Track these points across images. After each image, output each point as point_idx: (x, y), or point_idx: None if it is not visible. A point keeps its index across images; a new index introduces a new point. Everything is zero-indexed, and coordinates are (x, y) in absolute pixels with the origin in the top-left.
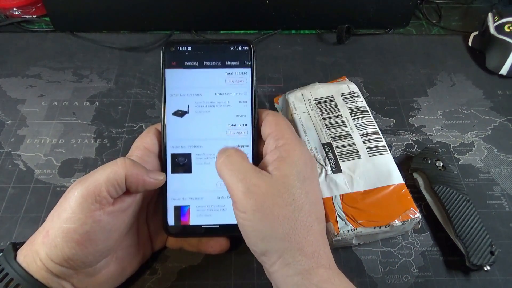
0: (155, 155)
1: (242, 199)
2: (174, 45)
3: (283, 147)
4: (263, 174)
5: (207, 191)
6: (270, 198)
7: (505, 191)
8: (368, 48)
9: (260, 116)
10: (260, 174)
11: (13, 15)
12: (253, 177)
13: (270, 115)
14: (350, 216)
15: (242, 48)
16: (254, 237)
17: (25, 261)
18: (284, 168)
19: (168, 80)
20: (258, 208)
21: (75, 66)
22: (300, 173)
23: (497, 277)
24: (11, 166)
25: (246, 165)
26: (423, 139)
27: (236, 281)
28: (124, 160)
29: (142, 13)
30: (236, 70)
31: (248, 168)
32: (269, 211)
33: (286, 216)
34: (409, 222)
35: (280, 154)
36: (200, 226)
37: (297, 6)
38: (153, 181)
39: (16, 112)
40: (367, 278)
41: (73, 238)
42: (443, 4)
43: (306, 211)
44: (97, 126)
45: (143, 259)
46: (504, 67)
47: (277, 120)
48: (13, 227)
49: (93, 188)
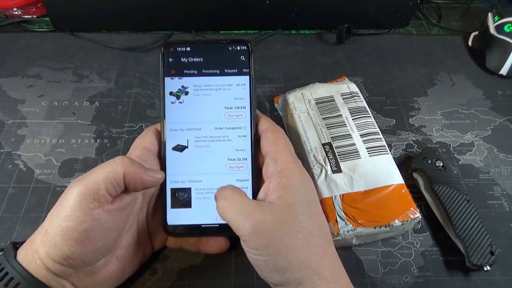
0: (154, 154)
1: (251, 238)
2: (173, 46)
3: (283, 172)
4: (266, 207)
5: (207, 190)
6: (279, 231)
7: (505, 191)
8: (368, 48)
9: (258, 120)
10: (263, 208)
11: (13, 15)
12: (257, 212)
13: (270, 131)
14: (350, 216)
15: (241, 48)
16: (269, 271)
17: (25, 260)
18: (287, 196)
19: (167, 78)
20: (269, 243)
21: (75, 66)
22: (304, 199)
23: (497, 277)
24: (11, 166)
25: (247, 202)
26: (423, 139)
27: (236, 281)
28: (122, 158)
29: (142, 13)
30: (235, 67)
31: (250, 204)
32: (281, 244)
33: (298, 245)
34: (409, 222)
35: (281, 181)
36: (199, 225)
37: (297, 6)
38: (152, 179)
39: (16, 112)
40: (367, 278)
41: (72, 236)
42: (443, 4)
43: (316, 235)
44: (97, 126)
45: (143, 258)
46: (504, 67)
47: (276, 138)
48: (13, 227)
49: (92, 186)
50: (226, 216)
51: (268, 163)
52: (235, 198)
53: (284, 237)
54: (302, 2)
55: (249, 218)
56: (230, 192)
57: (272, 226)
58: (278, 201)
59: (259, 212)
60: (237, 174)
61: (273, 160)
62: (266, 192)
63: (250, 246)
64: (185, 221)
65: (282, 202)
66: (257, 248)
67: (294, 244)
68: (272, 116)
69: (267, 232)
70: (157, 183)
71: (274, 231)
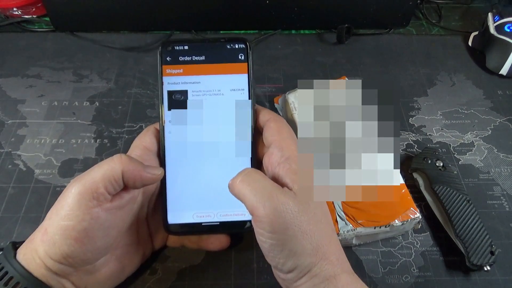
0: (154, 153)
1: (269, 219)
2: (171, 45)
3: (291, 159)
4: (286, 191)
5: (207, 187)
6: (298, 216)
7: (505, 191)
8: (368, 48)
9: (258, 114)
10: (285, 191)
11: (13, 15)
12: (279, 194)
13: (272, 121)
14: (350, 216)
15: (239, 46)
16: (283, 257)
17: (24, 259)
18: (301, 182)
19: (165, 76)
20: (289, 226)
21: (75, 66)
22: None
23: (497, 277)
24: (11, 166)
25: (268, 182)
26: (423, 139)
27: (236, 281)
28: (121, 156)
29: (142, 13)
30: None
31: (271, 185)
32: (298, 229)
33: (312, 231)
34: (409, 222)
35: (291, 167)
36: (200, 223)
37: (297, 6)
38: (151, 176)
39: (16, 112)
40: (367, 278)
41: (71, 235)
42: (443, 4)
43: (324, 222)
44: (97, 126)
45: (144, 257)
46: (504, 67)
47: (279, 127)
48: (13, 227)
49: (90, 185)
50: (244, 191)
51: (273, 151)
52: (256, 175)
53: (302, 223)
54: (302, 2)
55: (271, 198)
56: (252, 170)
57: (294, 210)
58: (295, 186)
59: (281, 195)
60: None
61: (279, 148)
62: (278, 177)
63: (266, 229)
64: (185, 220)
65: (298, 188)
66: (274, 231)
67: (309, 230)
68: None
69: (288, 216)
70: (156, 180)
71: (294, 215)
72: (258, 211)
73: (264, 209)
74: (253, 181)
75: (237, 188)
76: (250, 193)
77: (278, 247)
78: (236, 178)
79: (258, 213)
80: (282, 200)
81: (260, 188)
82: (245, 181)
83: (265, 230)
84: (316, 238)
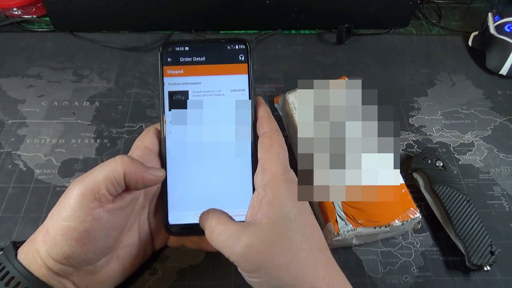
0: (155, 154)
1: (241, 263)
2: (172, 46)
3: (268, 186)
4: (252, 229)
5: (208, 189)
6: (266, 252)
7: (505, 191)
8: (368, 48)
9: (257, 115)
10: (249, 230)
11: (13, 15)
12: (243, 236)
13: (267, 137)
14: (350, 216)
15: (239, 47)
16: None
17: (25, 259)
18: (272, 213)
19: (166, 77)
20: (259, 266)
21: (75, 66)
22: (291, 212)
23: (497, 277)
24: (11, 166)
25: (233, 227)
26: (423, 139)
27: (236, 281)
28: (122, 157)
29: (142, 13)
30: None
31: (236, 229)
32: (270, 264)
33: (288, 262)
34: (409, 222)
35: (266, 196)
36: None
37: (297, 6)
38: (152, 177)
39: (16, 112)
40: (367, 278)
41: (73, 236)
42: (443, 4)
43: (306, 248)
44: (97, 126)
45: (144, 257)
46: (504, 67)
47: (270, 146)
48: (13, 227)
49: (92, 186)
50: (218, 246)
51: (258, 171)
52: (220, 226)
53: (272, 257)
54: (302, 2)
55: (237, 243)
56: (215, 221)
57: (259, 249)
58: (264, 219)
59: (245, 236)
60: (238, 172)
61: (262, 169)
62: (253, 208)
63: (243, 270)
64: (186, 220)
65: (267, 221)
66: (249, 271)
67: (283, 263)
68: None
69: (254, 255)
70: (158, 181)
71: (261, 253)
72: (232, 259)
73: (235, 257)
74: (218, 234)
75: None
76: (222, 246)
77: (257, 284)
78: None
79: (233, 260)
80: (245, 242)
81: (226, 238)
82: (213, 238)
83: (244, 271)
84: (295, 269)
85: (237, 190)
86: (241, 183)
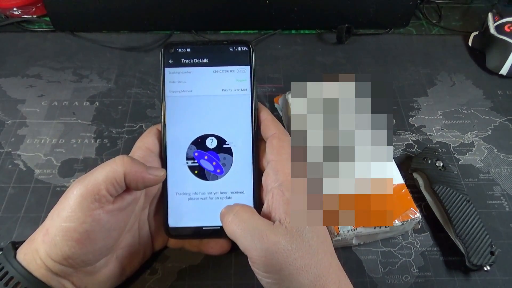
0: (156, 155)
1: (263, 261)
2: (173, 47)
3: (284, 186)
4: (277, 227)
5: (208, 192)
6: (292, 254)
7: (505, 191)
8: (368, 48)
9: (262, 120)
10: (275, 229)
11: (13, 15)
12: (270, 233)
13: (276, 138)
14: None
15: (242, 49)
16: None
17: (25, 260)
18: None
19: (167, 78)
20: (283, 266)
21: (75, 66)
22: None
23: (497, 277)
24: (11, 166)
25: (259, 220)
26: (423, 139)
27: (236, 281)
28: (123, 157)
29: (142, 13)
30: (236, 68)
31: (262, 223)
32: (293, 267)
33: (308, 265)
34: (409, 222)
35: (284, 196)
36: (201, 227)
37: (297, 6)
38: (153, 177)
39: (16, 112)
40: (367, 278)
41: (73, 236)
42: (443, 4)
43: (321, 252)
44: (97, 126)
45: (144, 258)
46: (504, 67)
47: (280, 147)
48: (13, 227)
49: (92, 187)
50: (236, 233)
51: (269, 172)
52: (245, 214)
53: (296, 260)
54: (302, 2)
55: (262, 239)
56: (240, 208)
57: (286, 249)
58: (288, 218)
59: (272, 234)
60: (238, 172)
61: (275, 171)
62: (270, 206)
63: (261, 269)
64: (186, 223)
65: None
66: (269, 271)
67: (304, 265)
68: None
69: (280, 256)
70: (159, 181)
71: (287, 254)
72: (250, 253)
73: (256, 252)
74: (242, 221)
75: (228, 229)
76: (241, 235)
77: (275, 285)
78: (227, 217)
79: (251, 255)
80: (273, 240)
81: (250, 229)
82: (235, 222)
83: (260, 270)
84: (313, 272)
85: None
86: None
